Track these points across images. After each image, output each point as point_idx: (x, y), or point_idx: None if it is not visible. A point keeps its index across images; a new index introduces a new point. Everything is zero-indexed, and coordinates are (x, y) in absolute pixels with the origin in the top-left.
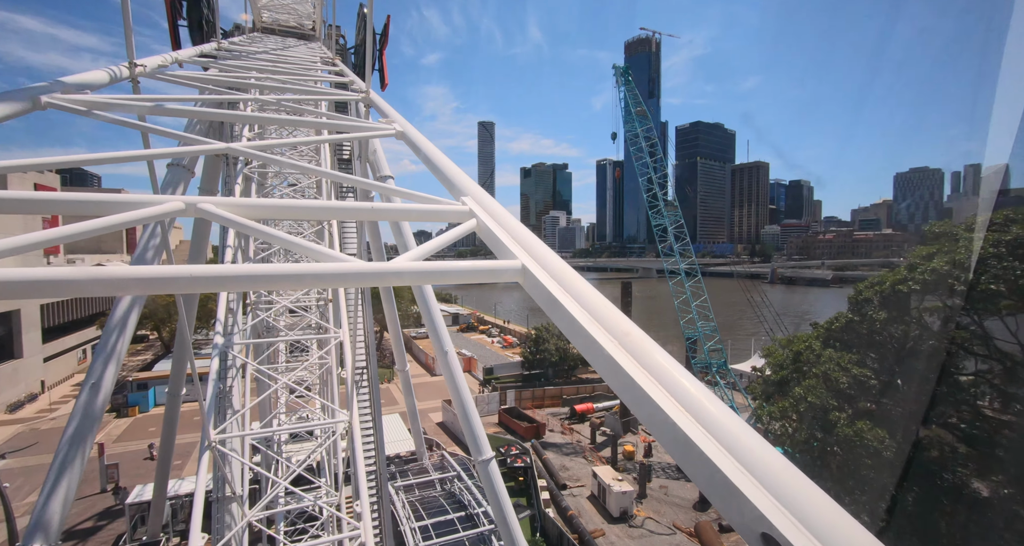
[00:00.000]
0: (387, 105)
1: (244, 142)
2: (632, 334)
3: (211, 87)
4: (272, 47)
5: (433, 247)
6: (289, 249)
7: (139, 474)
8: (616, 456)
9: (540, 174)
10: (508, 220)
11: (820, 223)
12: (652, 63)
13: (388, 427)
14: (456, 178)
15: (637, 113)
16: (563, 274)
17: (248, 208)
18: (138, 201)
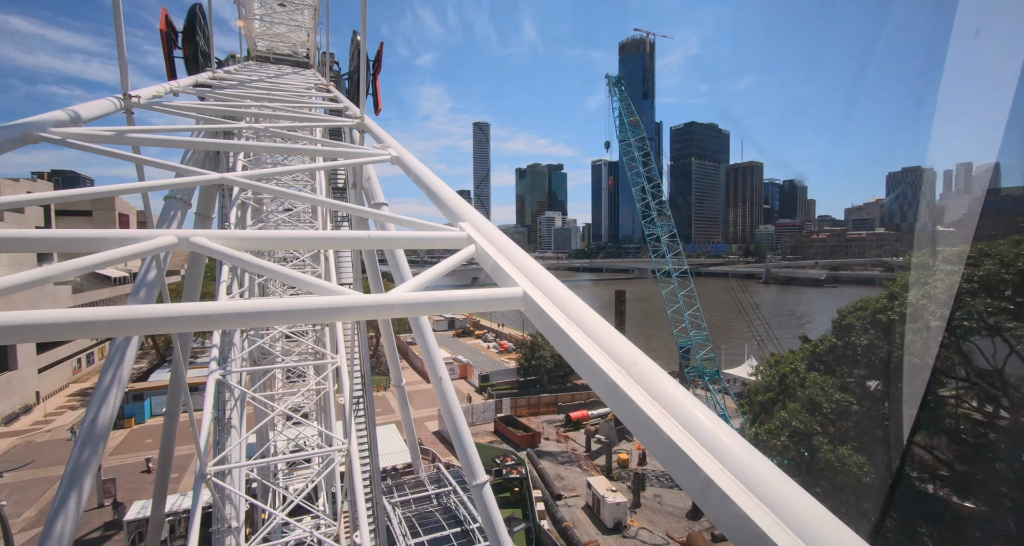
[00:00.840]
0: (382, 130)
1: (239, 172)
2: (640, 363)
3: (206, 116)
4: (267, 75)
5: (431, 277)
6: None
7: (136, 488)
8: (610, 464)
9: (535, 175)
10: (507, 246)
11: (814, 222)
12: (646, 64)
13: (384, 438)
14: (453, 203)
15: (630, 123)
16: (566, 301)
17: (242, 241)
18: (130, 237)
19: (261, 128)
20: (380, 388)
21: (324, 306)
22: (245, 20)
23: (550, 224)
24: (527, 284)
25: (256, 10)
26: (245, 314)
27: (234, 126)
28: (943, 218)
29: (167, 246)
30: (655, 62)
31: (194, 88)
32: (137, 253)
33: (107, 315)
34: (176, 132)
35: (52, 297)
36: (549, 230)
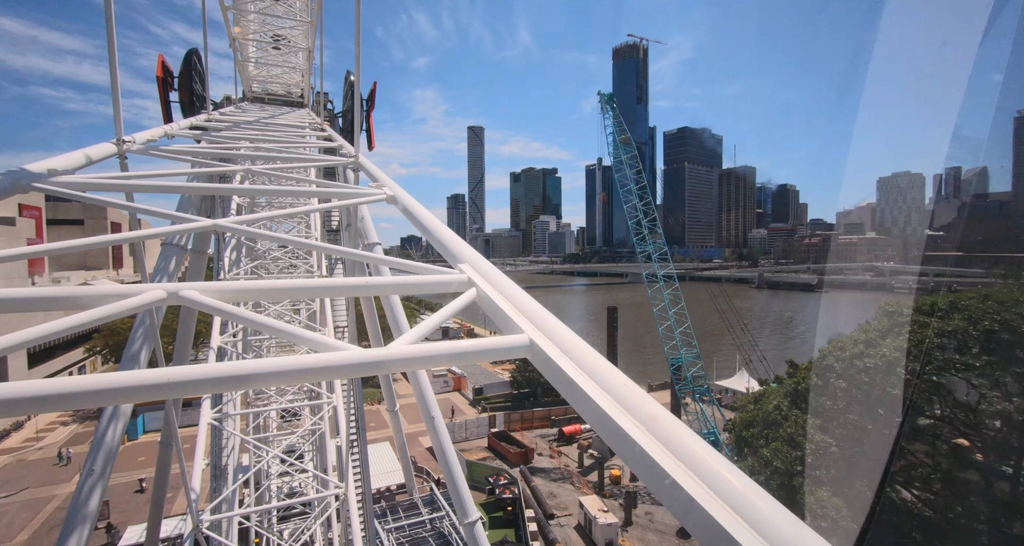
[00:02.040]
0: (377, 169)
1: (232, 217)
2: (660, 418)
3: (201, 159)
4: (262, 116)
5: (431, 326)
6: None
7: (129, 509)
8: (603, 481)
9: (530, 179)
10: (510, 289)
11: (806, 226)
12: (640, 69)
13: (377, 456)
14: (452, 244)
15: (621, 141)
16: (575, 348)
17: (235, 293)
18: (117, 293)
19: (256, 170)
20: (374, 402)
21: (320, 365)
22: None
23: (544, 228)
24: (533, 330)
25: (251, 53)
26: (237, 377)
27: (229, 169)
28: (932, 223)
29: (156, 301)
30: (648, 67)
31: (190, 130)
32: (125, 310)
33: (90, 385)
34: (171, 177)
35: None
36: (544, 234)
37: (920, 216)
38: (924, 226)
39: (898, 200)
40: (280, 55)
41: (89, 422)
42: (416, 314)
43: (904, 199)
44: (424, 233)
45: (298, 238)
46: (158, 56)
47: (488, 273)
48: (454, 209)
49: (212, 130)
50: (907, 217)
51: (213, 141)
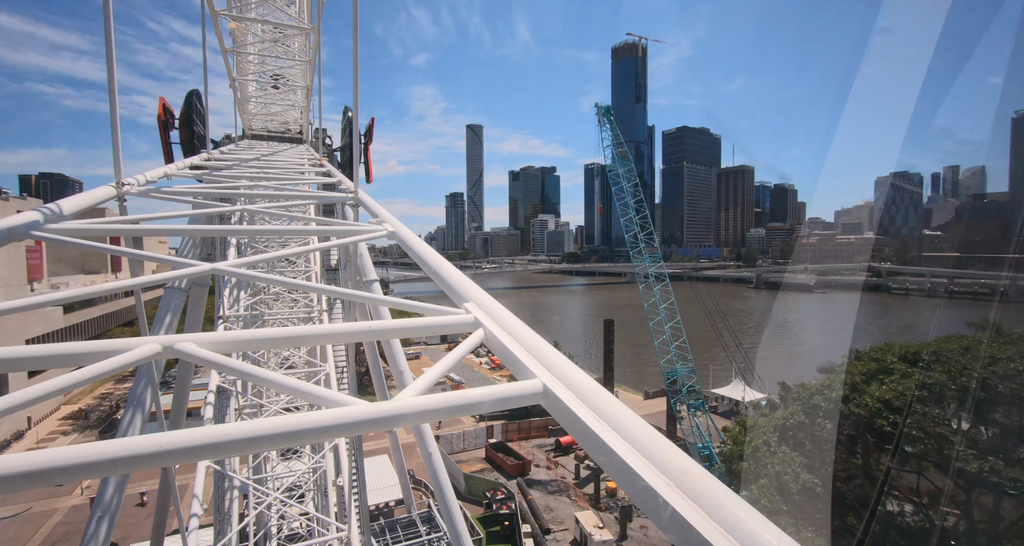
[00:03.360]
0: (376, 204)
1: (230, 261)
2: (690, 472)
3: (200, 200)
4: (261, 153)
5: (438, 374)
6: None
7: (131, 523)
8: (599, 493)
9: (528, 177)
10: (519, 330)
11: (804, 225)
12: (638, 68)
13: (374, 470)
14: (455, 281)
15: (619, 154)
16: (592, 394)
17: (234, 344)
18: (111, 349)
19: (255, 209)
20: None
21: (325, 424)
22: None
23: (543, 227)
24: (546, 375)
25: (251, 92)
26: (238, 441)
27: (228, 209)
28: (930, 222)
29: (151, 356)
30: (647, 66)
31: (190, 170)
32: (120, 366)
33: (79, 458)
34: (170, 219)
35: (43, 319)
36: (542, 233)
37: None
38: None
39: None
40: (279, 93)
41: (90, 431)
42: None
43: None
44: (426, 269)
45: (297, 281)
46: (159, 98)
47: (495, 312)
48: (452, 208)
49: (212, 169)
50: (905, 217)
51: (213, 180)
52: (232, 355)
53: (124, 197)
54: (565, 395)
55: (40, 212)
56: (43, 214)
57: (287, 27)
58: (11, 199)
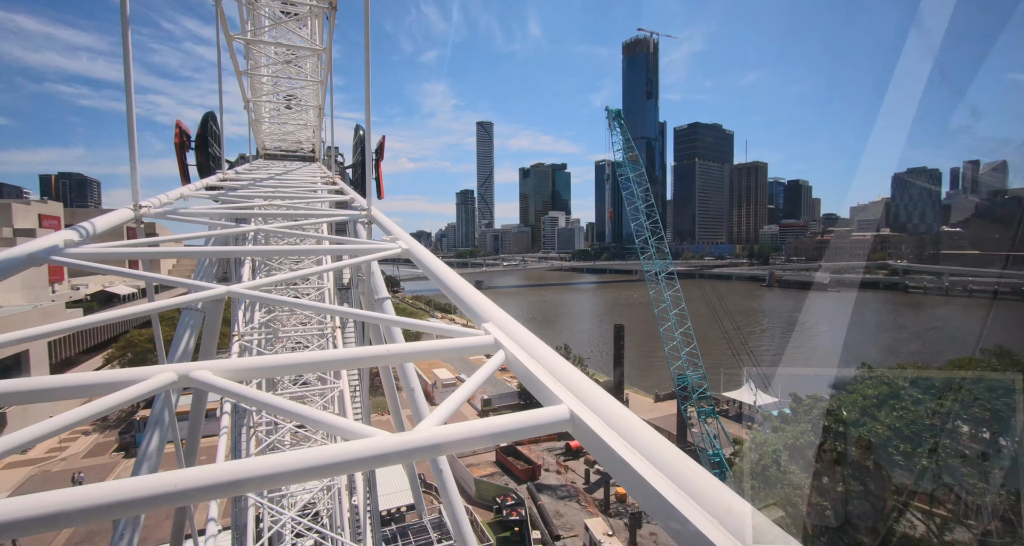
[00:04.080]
0: (390, 221)
1: (244, 283)
2: (735, 510)
3: (215, 221)
4: (275, 172)
5: (459, 402)
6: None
7: (150, 525)
8: (608, 499)
9: (539, 174)
10: (542, 352)
11: (818, 222)
12: (650, 64)
13: (385, 475)
14: (473, 301)
15: (629, 158)
16: (623, 422)
17: (250, 371)
18: (126, 379)
19: (269, 229)
20: (383, 412)
21: (345, 458)
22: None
23: (554, 224)
24: (572, 401)
25: (265, 113)
26: (256, 478)
27: (243, 230)
28: (948, 219)
29: (166, 385)
30: (659, 62)
31: (206, 191)
32: (136, 396)
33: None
34: (187, 240)
35: (65, 318)
36: (553, 230)
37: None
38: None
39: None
40: (292, 113)
41: (110, 431)
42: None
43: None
44: (443, 288)
45: (311, 303)
46: (176, 121)
47: (516, 333)
48: (463, 205)
49: (227, 189)
50: (922, 213)
51: (228, 201)
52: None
53: (142, 219)
54: (594, 422)
55: (59, 236)
56: (63, 239)
57: (299, 49)
58: (32, 203)
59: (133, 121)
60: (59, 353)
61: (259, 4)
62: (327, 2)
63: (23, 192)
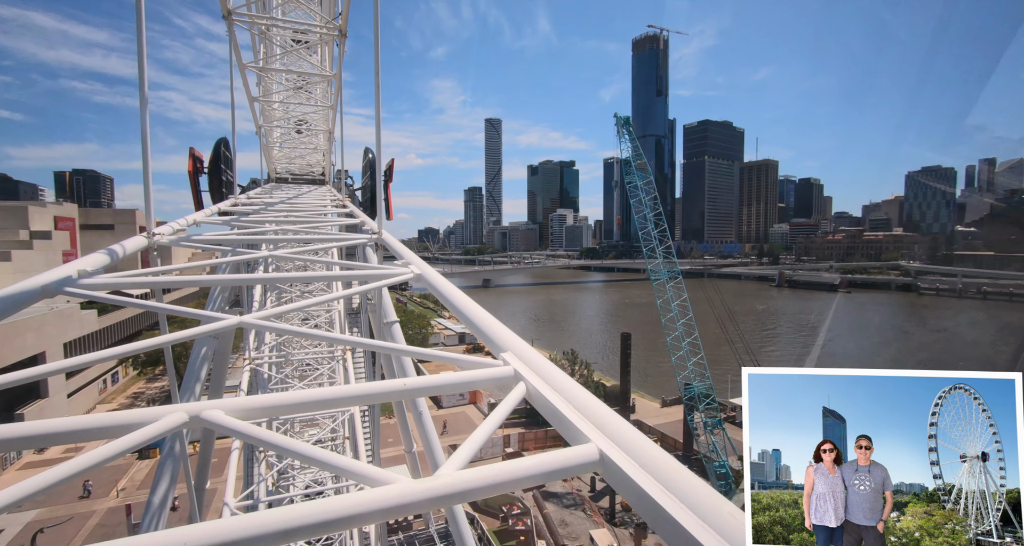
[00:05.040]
0: (400, 245)
1: (255, 312)
2: None
3: (227, 247)
4: (286, 196)
5: (481, 440)
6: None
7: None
8: (614, 507)
9: (547, 172)
10: (566, 385)
11: (830, 220)
12: (659, 61)
13: None
14: (491, 329)
15: (637, 167)
16: (657, 462)
17: (263, 410)
18: (135, 421)
19: (280, 255)
20: (391, 415)
21: (364, 509)
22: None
23: (562, 221)
24: (601, 439)
25: (276, 137)
26: (271, 534)
27: (254, 255)
28: (963, 218)
29: (177, 426)
30: (668, 58)
31: (218, 216)
32: (144, 440)
33: None
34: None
35: (79, 322)
36: (560, 227)
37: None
38: (954, 223)
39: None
40: (302, 138)
41: None
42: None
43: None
44: (459, 316)
45: (322, 333)
46: (189, 149)
47: (536, 364)
48: (471, 202)
49: (239, 214)
50: (936, 213)
51: (240, 226)
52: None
53: (155, 247)
54: (625, 463)
55: (72, 267)
56: (76, 269)
57: (310, 75)
58: (48, 205)
59: (148, 153)
60: (76, 352)
61: (271, 33)
62: (337, 30)
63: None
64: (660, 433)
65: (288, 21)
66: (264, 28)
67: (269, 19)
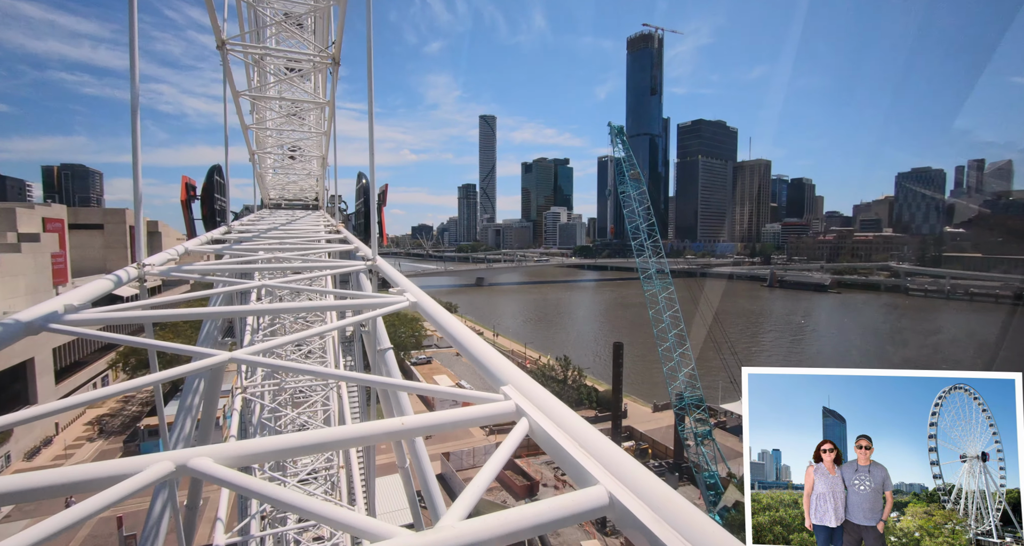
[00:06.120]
0: (396, 272)
1: (247, 348)
2: None
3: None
4: (279, 222)
5: (484, 485)
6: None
7: None
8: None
9: (541, 169)
10: (569, 420)
11: (821, 220)
12: (654, 59)
13: (385, 492)
14: (490, 360)
15: (631, 177)
16: (672, 506)
17: (256, 455)
18: (119, 473)
19: (273, 285)
20: None
21: None
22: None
23: (555, 219)
24: (610, 481)
25: (269, 164)
26: None
27: (247, 286)
28: (952, 219)
29: (163, 476)
30: (663, 57)
31: (210, 245)
32: (127, 493)
33: None
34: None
35: None
36: (554, 225)
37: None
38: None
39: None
40: (295, 163)
41: (115, 438)
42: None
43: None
44: (457, 346)
45: (316, 367)
46: (182, 178)
47: (538, 398)
48: (465, 199)
49: (231, 242)
50: (925, 214)
51: (232, 254)
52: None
53: (144, 278)
54: (637, 507)
55: (59, 301)
56: (63, 303)
57: (304, 103)
58: (36, 206)
59: (139, 182)
60: (65, 358)
61: (265, 62)
62: (330, 58)
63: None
64: (651, 440)
65: (282, 50)
66: (258, 57)
67: (263, 49)
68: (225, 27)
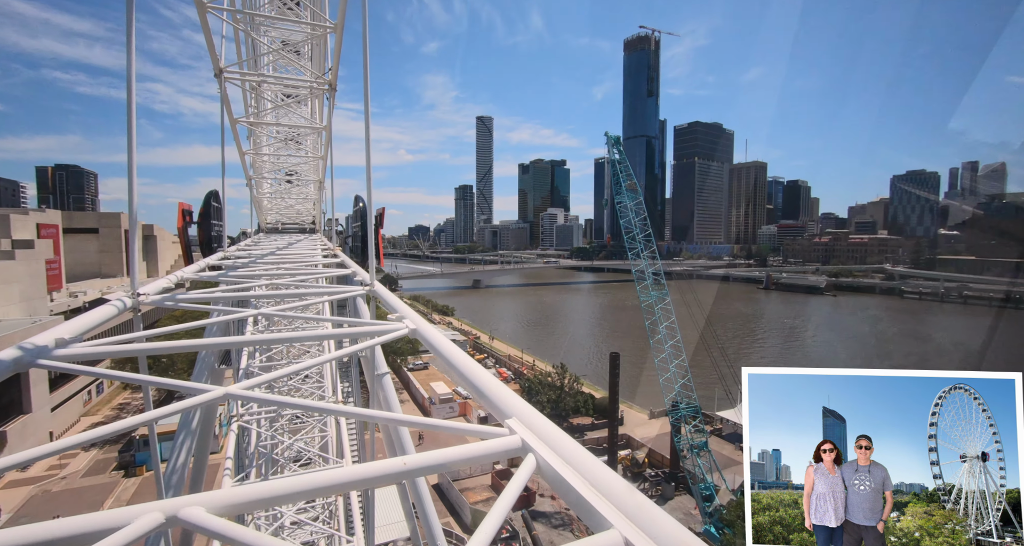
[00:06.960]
0: (394, 297)
1: (242, 382)
2: None
3: (214, 307)
4: (276, 246)
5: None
6: None
7: None
8: None
9: (538, 170)
10: (578, 455)
11: (816, 222)
12: (651, 61)
13: (381, 504)
14: (493, 392)
15: (628, 187)
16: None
17: (251, 503)
18: (101, 526)
19: (270, 312)
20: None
21: None
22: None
23: (552, 221)
24: (624, 524)
25: (266, 188)
26: None
27: (243, 314)
28: (946, 222)
29: (153, 529)
30: (660, 59)
31: (207, 272)
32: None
33: None
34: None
35: None
36: (551, 226)
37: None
38: (937, 226)
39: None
40: (292, 187)
41: (109, 447)
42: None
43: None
44: (459, 377)
45: (313, 403)
46: (179, 205)
47: (544, 432)
48: (462, 200)
49: (228, 269)
50: (920, 216)
51: (229, 281)
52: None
53: (139, 308)
54: None
55: (50, 336)
56: (53, 338)
57: (301, 128)
58: (31, 212)
59: (135, 205)
60: None
61: (262, 89)
62: (327, 84)
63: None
64: (648, 448)
65: (279, 77)
66: (255, 84)
67: (260, 76)
68: (223, 55)
